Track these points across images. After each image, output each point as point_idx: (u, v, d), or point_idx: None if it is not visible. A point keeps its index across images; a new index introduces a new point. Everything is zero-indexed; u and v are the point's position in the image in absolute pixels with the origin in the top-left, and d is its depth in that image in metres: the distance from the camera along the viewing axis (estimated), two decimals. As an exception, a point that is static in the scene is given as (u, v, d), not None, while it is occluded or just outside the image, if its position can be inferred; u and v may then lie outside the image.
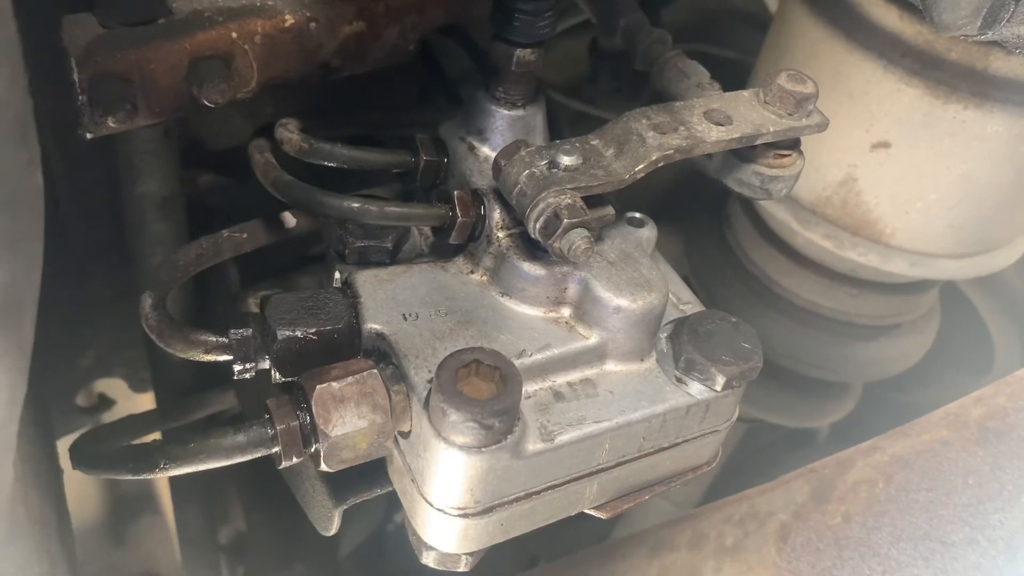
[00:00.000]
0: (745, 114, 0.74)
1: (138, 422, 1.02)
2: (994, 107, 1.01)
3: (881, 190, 1.11)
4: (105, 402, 1.30)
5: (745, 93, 0.77)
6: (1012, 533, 0.79)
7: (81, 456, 0.73)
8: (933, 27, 0.79)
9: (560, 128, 1.14)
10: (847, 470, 0.93)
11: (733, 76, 1.38)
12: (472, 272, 0.76)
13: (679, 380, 0.74)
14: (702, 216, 1.44)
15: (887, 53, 1.04)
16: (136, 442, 0.77)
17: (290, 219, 0.82)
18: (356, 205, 0.72)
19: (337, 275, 0.76)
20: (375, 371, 0.67)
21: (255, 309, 0.78)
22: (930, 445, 0.88)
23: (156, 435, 1.06)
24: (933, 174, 1.07)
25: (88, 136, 0.71)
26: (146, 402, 1.26)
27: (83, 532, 1.72)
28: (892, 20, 1.02)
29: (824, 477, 0.95)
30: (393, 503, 0.74)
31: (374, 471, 0.75)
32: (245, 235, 0.81)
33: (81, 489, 1.67)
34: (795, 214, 1.17)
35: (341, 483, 0.77)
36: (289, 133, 0.78)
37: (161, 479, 1.46)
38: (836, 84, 1.08)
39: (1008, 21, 0.78)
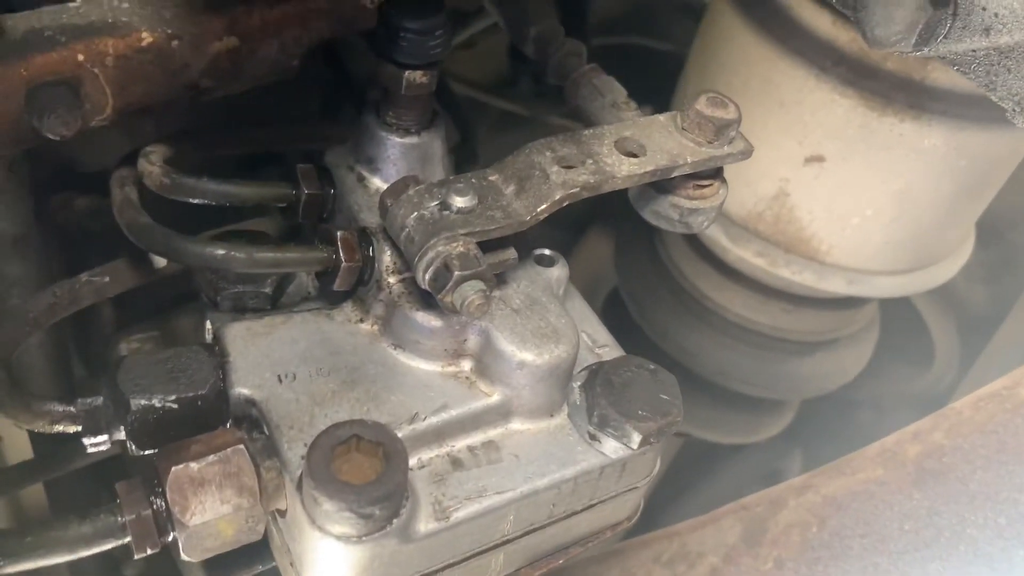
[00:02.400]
0: (660, 143, 0.67)
1: (13, 474, 0.92)
2: (932, 119, 0.95)
3: (815, 205, 1.05)
4: (-11, 440, 1.19)
5: (661, 118, 0.70)
6: (951, 587, 0.74)
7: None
8: (866, 42, 0.73)
9: (474, 139, 1.05)
10: (779, 510, 0.88)
11: (669, 68, 1.30)
12: (361, 321, 0.68)
13: (592, 437, 0.67)
14: (633, 224, 1.37)
15: (820, 60, 0.97)
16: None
17: (159, 259, 0.73)
18: (220, 253, 0.63)
19: (209, 326, 0.68)
20: (241, 447, 0.58)
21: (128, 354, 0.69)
22: (865, 486, 0.83)
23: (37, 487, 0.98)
24: (869, 189, 1.02)
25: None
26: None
27: None
28: (824, 25, 0.96)
29: (756, 516, 0.89)
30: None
31: (255, 546, 0.67)
32: (107, 279, 0.72)
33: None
34: (726, 230, 1.10)
35: (218, 559, 0.68)
36: (151, 165, 0.69)
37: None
38: (767, 92, 1.02)
39: (945, 37, 0.71)
